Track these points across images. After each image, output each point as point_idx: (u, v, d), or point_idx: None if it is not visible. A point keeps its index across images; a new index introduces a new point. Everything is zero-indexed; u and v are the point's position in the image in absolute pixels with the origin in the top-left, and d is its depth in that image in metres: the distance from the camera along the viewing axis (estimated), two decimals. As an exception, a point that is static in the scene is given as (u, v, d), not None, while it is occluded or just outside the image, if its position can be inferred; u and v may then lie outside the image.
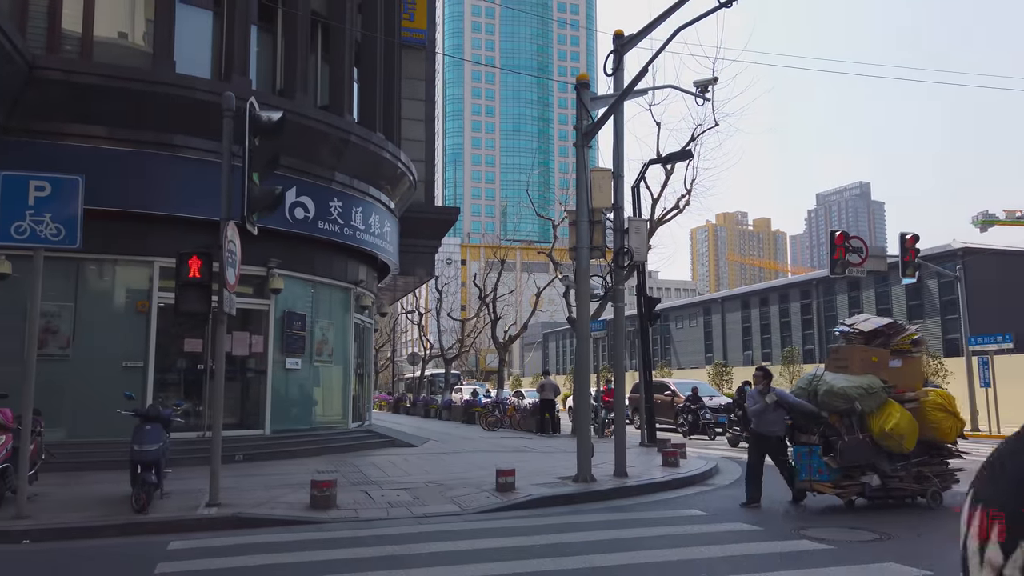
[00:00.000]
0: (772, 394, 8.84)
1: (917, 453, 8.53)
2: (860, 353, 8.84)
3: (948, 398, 8.75)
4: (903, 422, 8.22)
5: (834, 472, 8.35)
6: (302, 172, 13.83)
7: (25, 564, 6.37)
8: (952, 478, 8.83)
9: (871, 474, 8.32)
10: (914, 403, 8.54)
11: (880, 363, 8.74)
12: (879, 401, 8.37)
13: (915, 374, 9.07)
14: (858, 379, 8.50)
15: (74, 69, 11.53)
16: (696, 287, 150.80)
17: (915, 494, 8.58)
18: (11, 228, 7.66)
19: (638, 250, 10.52)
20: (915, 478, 8.52)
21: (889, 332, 9.06)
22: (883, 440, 8.26)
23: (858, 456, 8.24)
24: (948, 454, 8.90)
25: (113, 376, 12.16)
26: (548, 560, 6.16)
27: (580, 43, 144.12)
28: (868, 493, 8.37)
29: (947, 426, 8.56)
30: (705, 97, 10.80)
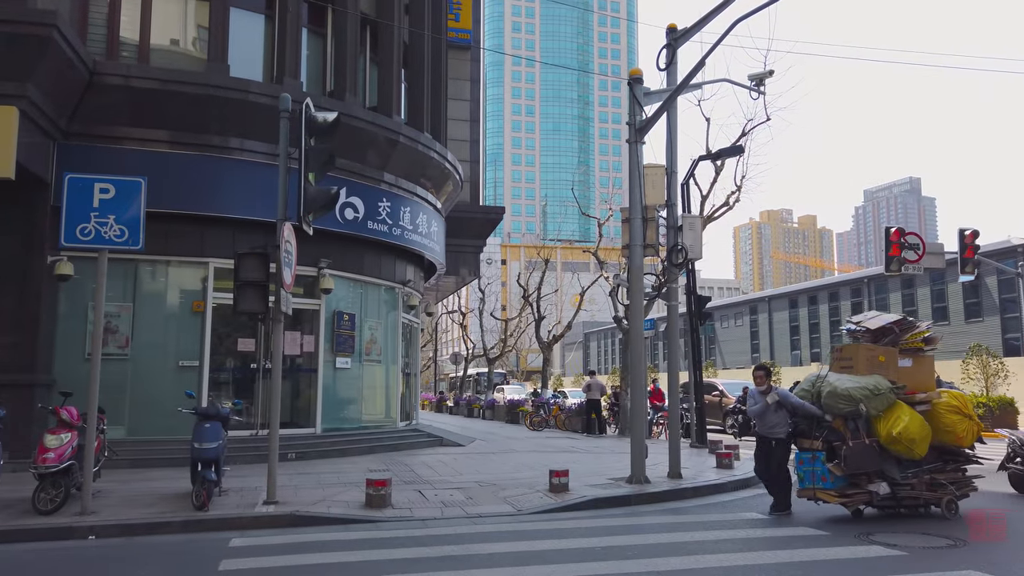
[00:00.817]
0: (773, 394, 8.38)
1: (930, 459, 7.97)
2: (866, 352, 8.25)
3: (963, 399, 8.15)
4: (913, 425, 7.68)
5: (839, 480, 7.80)
6: (351, 173, 13.94)
7: (94, 560, 6.49)
8: (970, 485, 8.21)
9: (879, 482, 7.74)
10: (926, 405, 7.97)
11: (888, 362, 8.18)
12: (886, 403, 7.83)
13: (927, 374, 8.44)
14: (863, 379, 7.92)
15: (132, 74, 11.79)
16: (740, 286, 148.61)
17: (929, 503, 7.98)
18: (77, 230, 7.84)
19: (692, 247, 10.33)
20: (928, 486, 7.92)
21: (899, 329, 8.46)
22: (891, 445, 7.70)
23: (864, 462, 7.68)
24: (965, 460, 8.25)
25: (170, 375, 12.42)
26: (611, 563, 6.05)
27: (621, 41, 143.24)
28: (876, 502, 7.82)
29: (962, 429, 7.92)
30: (760, 91, 10.54)
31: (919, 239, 17.33)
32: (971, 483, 8.25)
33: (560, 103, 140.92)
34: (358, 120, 13.74)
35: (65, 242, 7.91)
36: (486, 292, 41.44)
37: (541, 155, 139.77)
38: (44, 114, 10.86)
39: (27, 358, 11.13)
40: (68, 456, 8.12)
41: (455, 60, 20.69)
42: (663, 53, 10.29)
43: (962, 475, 8.20)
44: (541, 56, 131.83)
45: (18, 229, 11.39)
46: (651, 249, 10.42)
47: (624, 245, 10.50)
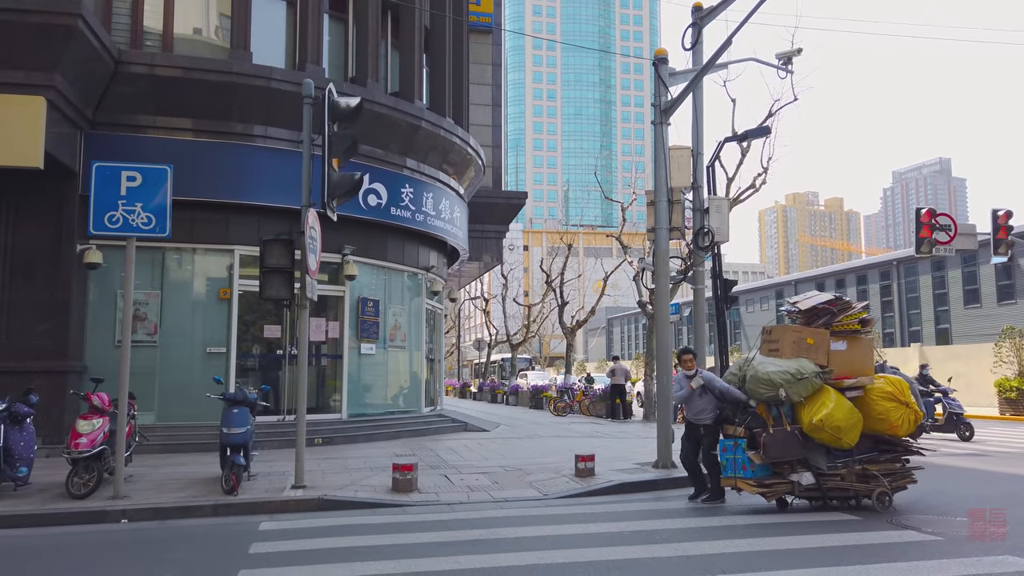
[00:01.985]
0: (699, 378, 8.03)
1: (864, 448, 7.51)
2: (792, 334, 7.77)
3: (900, 386, 7.54)
4: (837, 412, 7.21)
5: (760, 469, 7.36)
6: (374, 159, 13.94)
7: (127, 543, 6.59)
8: (908, 477, 7.69)
9: (803, 471, 7.31)
10: (857, 391, 7.46)
11: (817, 345, 7.64)
12: (810, 388, 7.35)
13: (863, 358, 7.83)
14: (786, 363, 7.45)
15: (157, 63, 11.85)
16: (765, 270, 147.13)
17: (860, 495, 7.51)
18: (105, 218, 7.91)
19: (719, 230, 10.20)
20: (859, 477, 7.43)
21: (834, 310, 7.85)
22: (814, 433, 7.25)
23: (785, 451, 7.24)
24: (904, 450, 7.73)
25: (198, 362, 12.55)
26: (639, 547, 6.02)
27: (644, 22, 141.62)
28: (799, 493, 7.39)
29: (896, 417, 7.36)
30: (788, 70, 10.34)
31: (950, 220, 16.94)
32: (910, 475, 7.73)
33: (582, 87, 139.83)
34: (380, 106, 13.71)
35: (94, 230, 7.99)
36: (509, 278, 41.36)
37: (563, 139, 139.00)
38: (71, 104, 10.95)
39: (59, 345, 11.31)
40: (100, 441, 8.25)
41: (476, 44, 20.55)
42: (688, 33, 10.12)
43: (901, 466, 7.67)
44: (562, 38, 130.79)
45: (48, 218, 11.54)
46: (676, 232, 10.31)
47: (649, 228, 10.39)
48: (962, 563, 5.50)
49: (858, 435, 7.37)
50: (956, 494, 8.51)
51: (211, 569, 5.54)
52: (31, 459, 8.23)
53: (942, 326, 44.57)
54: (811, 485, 7.34)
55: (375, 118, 13.51)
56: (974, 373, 24.95)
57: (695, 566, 5.45)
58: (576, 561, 5.62)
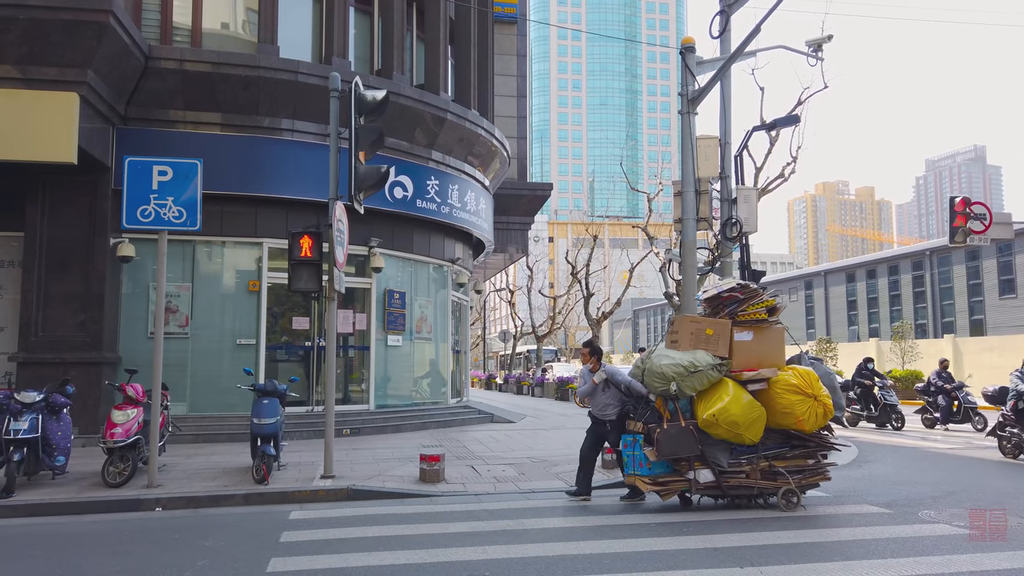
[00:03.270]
0: (601, 372, 7.76)
1: (774, 444, 7.15)
2: (690, 325, 7.43)
3: (808, 378, 7.05)
4: (733, 407, 6.82)
5: (659, 466, 7.02)
6: (400, 151, 14.00)
7: (161, 530, 6.71)
8: (821, 475, 7.31)
9: (701, 468, 6.97)
10: (759, 384, 7.03)
11: (717, 336, 7.22)
12: (706, 381, 6.99)
13: (772, 348, 7.37)
14: (680, 356, 7.09)
15: (186, 58, 11.99)
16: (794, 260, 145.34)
17: (765, 492, 7.14)
18: (137, 212, 8.05)
19: (747, 220, 10.08)
20: (765, 474, 7.08)
21: (740, 297, 7.38)
22: (709, 428, 6.89)
23: (678, 447, 6.90)
24: (818, 446, 7.28)
25: (228, 353, 12.74)
26: (667, 539, 6.00)
27: (670, 11, 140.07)
28: (696, 490, 7.06)
29: (801, 411, 6.90)
30: (818, 57, 10.15)
31: (985, 209, 16.55)
32: (824, 472, 7.34)
33: (607, 77, 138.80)
34: (406, 98, 13.75)
35: (126, 224, 8.13)
36: (534, 270, 41.36)
37: (588, 130, 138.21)
38: (103, 99, 11.13)
39: (94, 337, 11.54)
40: (135, 431, 8.42)
41: (501, 35, 20.52)
42: (716, 20, 9.98)
43: (815, 463, 7.28)
44: (587, 27, 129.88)
45: (82, 212, 11.76)
46: (704, 223, 10.21)
47: (676, 219, 10.31)
48: (997, 557, 5.42)
49: (761, 430, 7.01)
50: (982, 486, 8.37)
51: (244, 556, 5.63)
52: (68, 449, 8.43)
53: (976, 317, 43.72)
54: (710, 482, 7.03)
55: (401, 111, 13.56)
56: (1011, 365, 24.46)
57: (724, 557, 5.43)
58: (603, 552, 5.63)
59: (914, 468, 10.10)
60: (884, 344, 31.38)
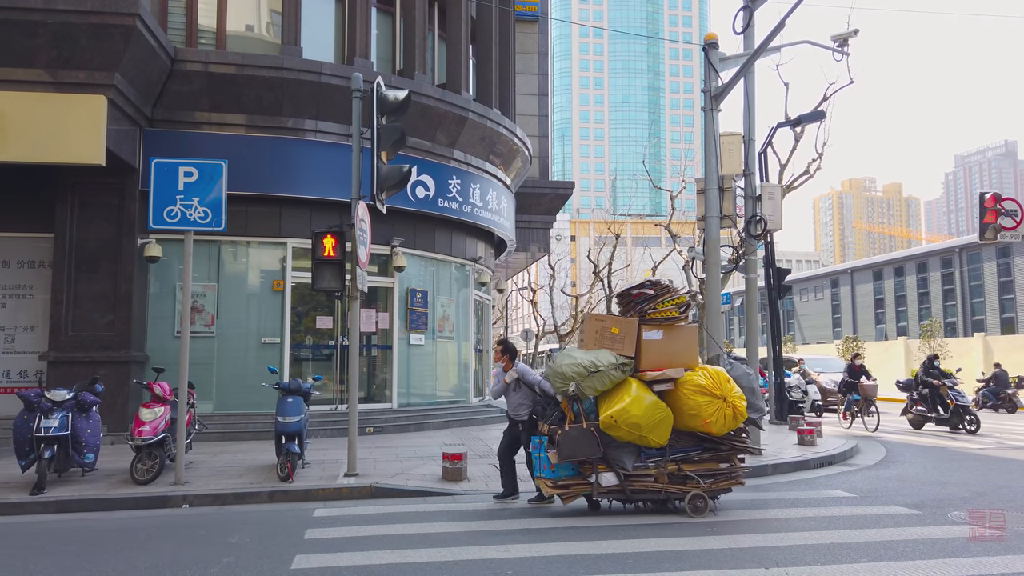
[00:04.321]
0: (513, 371, 7.57)
1: (686, 446, 6.90)
2: (595, 323, 7.19)
3: (717, 378, 6.78)
4: (634, 408, 6.54)
5: (562, 468, 6.80)
6: (422, 151, 14.04)
7: (188, 527, 6.80)
8: (734, 479, 7.02)
9: (604, 471, 6.73)
10: (666, 384, 6.77)
11: (623, 335, 6.96)
12: (608, 382, 6.74)
13: (683, 347, 7.12)
14: (583, 355, 6.84)
15: (211, 60, 12.13)
16: (820, 258, 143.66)
17: (673, 497, 6.89)
18: (164, 212, 8.15)
19: (772, 218, 9.99)
20: (673, 477, 6.82)
21: (651, 294, 7.12)
22: (610, 429, 6.61)
23: (578, 449, 6.65)
24: (731, 449, 7.01)
25: (253, 352, 12.87)
26: (690, 539, 5.96)
27: (693, 7, 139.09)
28: (598, 494, 6.83)
29: (708, 413, 6.63)
30: (844, 52, 10.02)
31: (1017, 204, 16.25)
32: (737, 476, 7.06)
33: (629, 74, 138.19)
34: (428, 98, 13.79)
35: (153, 224, 8.25)
36: (556, 268, 41.26)
37: (610, 128, 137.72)
38: (130, 102, 11.29)
39: (122, 336, 11.72)
40: (162, 429, 8.53)
41: (522, 34, 20.50)
42: (739, 16, 9.90)
43: (729, 466, 7.00)
44: (609, 25, 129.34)
45: (111, 213, 11.95)
46: (728, 220, 10.13)
47: (699, 217, 10.24)
48: (1029, 561, 5.32)
49: (667, 432, 6.77)
50: (1014, 487, 8.21)
51: (269, 553, 5.69)
52: (97, 446, 8.56)
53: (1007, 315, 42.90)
54: (613, 486, 6.79)
55: (422, 110, 13.60)
56: (1042, 364, 23.96)
57: (748, 558, 5.37)
58: (626, 551, 5.61)
59: (943, 468, 9.94)
60: (912, 343, 30.92)
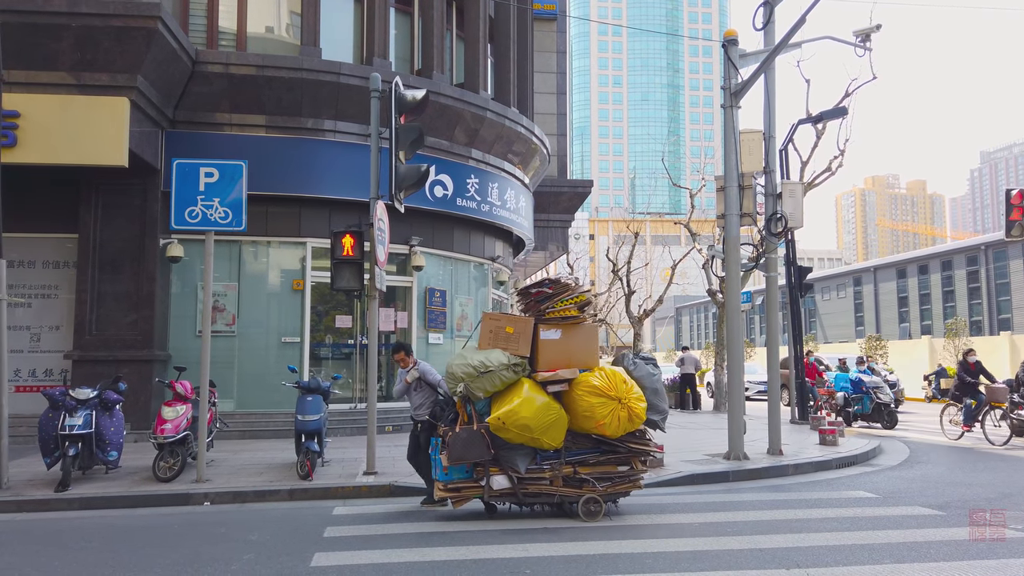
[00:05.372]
0: (414, 370, 7.46)
1: (584, 449, 6.72)
2: (489, 323, 7.00)
3: (612, 379, 6.58)
4: (524, 409, 6.34)
5: (457, 471, 6.60)
6: (440, 150, 14.06)
7: (209, 524, 6.87)
8: (632, 483, 6.87)
9: (497, 474, 6.56)
10: (560, 385, 6.61)
11: (518, 334, 6.78)
12: (499, 382, 6.57)
13: (583, 347, 6.92)
14: (474, 355, 6.68)
15: (232, 61, 12.22)
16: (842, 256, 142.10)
17: (568, 500, 6.72)
18: (185, 213, 8.24)
19: (793, 215, 9.88)
20: (568, 480, 6.66)
21: (550, 292, 6.90)
22: (499, 431, 6.43)
23: (468, 451, 6.46)
24: (630, 451, 6.81)
25: (273, 351, 12.96)
26: (710, 539, 5.92)
27: (712, 4, 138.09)
28: (490, 497, 6.66)
29: (602, 415, 6.45)
30: (866, 47, 9.89)
31: (1045, 201, 15.99)
32: (636, 480, 6.92)
33: (648, 72, 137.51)
34: (446, 97, 13.81)
35: (175, 225, 8.34)
36: (575, 267, 41.17)
37: (629, 126, 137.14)
38: (152, 104, 11.42)
39: (145, 335, 11.86)
40: (184, 427, 8.63)
41: (540, 32, 20.47)
42: (760, 12, 9.81)
43: (627, 470, 6.82)
44: (628, 22, 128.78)
45: (133, 214, 12.09)
46: (748, 218, 10.04)
47: (719, 215, 10.16)
48: (1058, 563, 5.22)
49: (561, 434, 6.60)
50: None
51: (288, 550, 5.73)
52: (120, 444, 8.67)
53: (1035, 313, 42.17)
54: (505, 489, 6.61)
55: (441, 110, 13.62)
56: (1071, 363, 23.53)
57: (768, 559, 5.32)
58: (645, 551, 5.58)
59: (968, 469, 9.79)
60: (937, 342, 30.50)
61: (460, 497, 6.72)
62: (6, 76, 9.24)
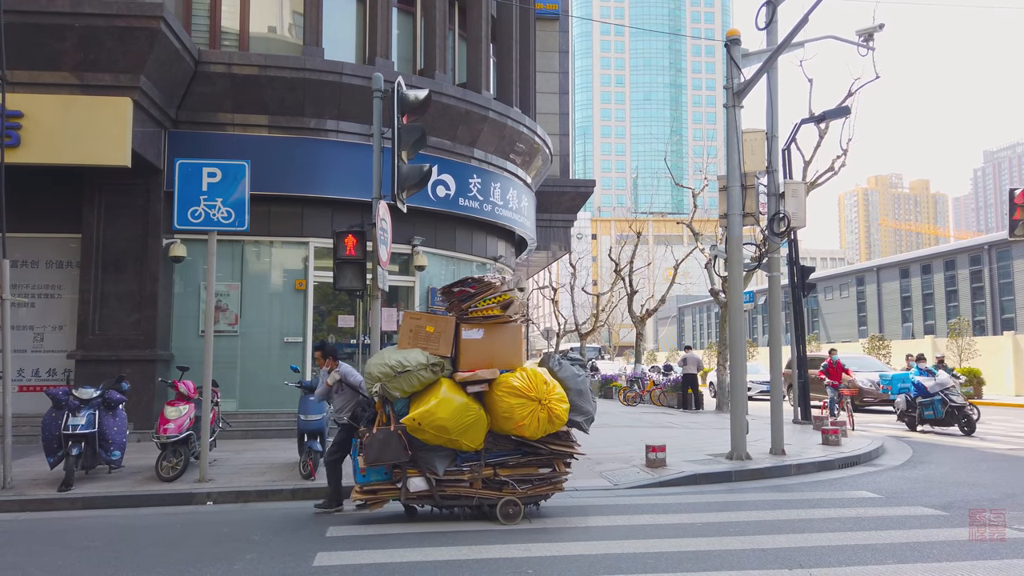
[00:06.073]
0: (336, 372, 7.37)
1: (502, 451, 6.63)
2: (409, 322, 6.87)
3: (534, 380, 6.48)
4: (441, 410, 6.24)
5: (375, 473, 6.52)
6: (442, 150, 14.07)
7: (212, 523, 6.88)
8: (553, 485, 6.78)
9: (415, 476, 6.48)
10: (478, 386, 6.49)
11: (439, 334, 6.65)
12: (417, 383, 6.46)
13: (506, 347, 6.76)
14: (391, 355, 6.57)
15: (234, 61, 12.24)
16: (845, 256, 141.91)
17: (487, 502, 6.62)
18: (188, 213, 8.25)
19: (796, 215, 9.87)
20: (488, 482, 6.57)
21: (473, 292, 6.75)
22: (416, 433, 6.33)
23: (384, 453, 6.36)
24: (552, 453, 6.70)
25: (276, 351, 12.97)
26: (712, 539, 5.91)
27: (715, 3, 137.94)
28: (407, 500, 6.57)
29: (521, 415, 6.36)
30: (869, 47, 9.87)
31: (1048, 200, 15.95)
32: (558, 482, 6.82)
33: (651, 71, 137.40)
34: (448, 97, 13.81)
35: (178, 225, 8.35)
36: (577, 267, 41.16)
37: (631, 126, 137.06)
38: (155, 103, 11.43)
39: (148, 335, 11.88)
40: (187, 427, 8.64)
41: (543, 32, 20.47)
42: (762, 11, 9.80)
43: (549, 472, 6.73)
44: (631, 22, 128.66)
45: (136, 214, 12.11)
46: (750, 218, 10.03)
47: (722, 215, 10.15)
48: (1061, 564, 5.20)
49: (480, 435, 6.50)
50: None
51: (291, 551, 5.73)
52: (123, 443, 8.68)
53: (1038, 313, 42.08)
54: (422, 491, 6.52)
55: (443, 109, 13.63)
56: (1075, 363, 23.48)
57: (771, 559, 5.32)
58: (647, 552, 5.57)
59: (971, 469, 9.78)
60: (940, 341, 30.43)
61: (377, 500, 6.63)
62: (9, 76, 9.27)
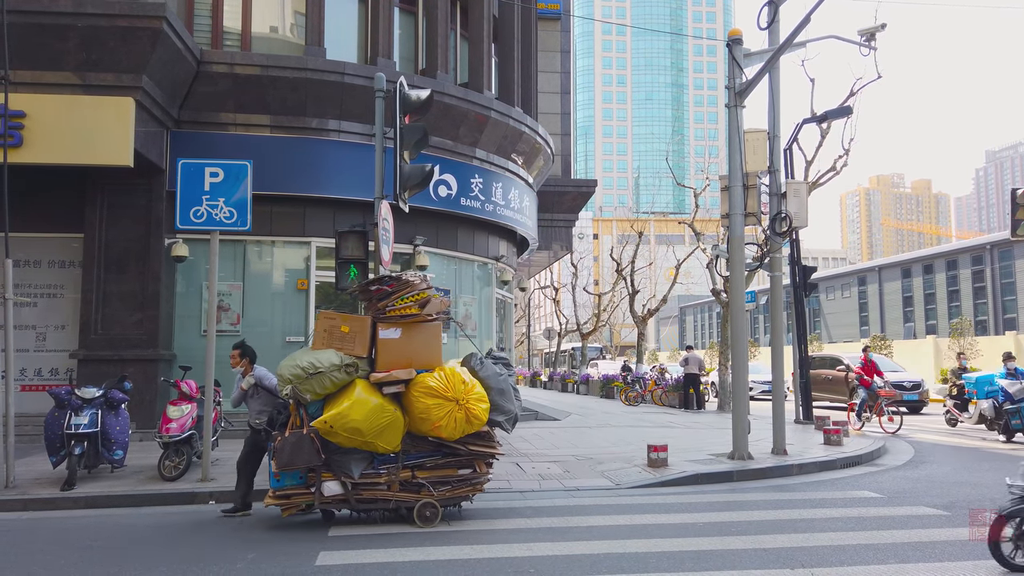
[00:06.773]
0: (251, 376, 7.25)
1: (420, 452, 6.54)
2: (324, 322, 6.73)
3: (451, 380, 6.39)
4: (354, 412, 6.12)
5: (290, 477, 6.35)
6: (444, 150, 14.07)
7: (214, 523, 6.88)
8: (473, 487, 6.69)
9: (329, 480, 6.36)
10: (395, 386, 6.38)
11: (354, 334, 6.53)
12: (330, 384, 6.33)
13: (425, 347, 6.66)
14: (304, 356, 6.43)
15: (236, 61, 12.25)
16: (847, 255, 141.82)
17: (404, 505, 6.49)
18: (190, 212, 8.26)
19: (797, 215, 9.87)
20: (406, 485, 6.47)
21: (390, 291, 6.63)
22: (328, 435, 6.23)
23: (296, 456, 6.23)
24: (471, 454, 6.61)
25: (277, 351, 12.93)
26: (714, 539, 5.92)
27: (716, 3, 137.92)
28: (321, 504, 6.42)
29: (438, 416, 6.27)
30: (871, 47, 9.87)
31: (1050, 200, 15.94)
32: (478, 484, 6.72)
33: (652, 71, 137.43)
34: (450, 97, 13.82)
35: (180, 224, 8.36)
36: (579, 267, 41.20)
37: (633, 126, 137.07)
38: (157, 103, 11.45)
39: (150, 335, 11.90)
40: (189, 426, 8.65)
41: (544, 32, 20.48)
42: (764, 11, 9.80)
43: (469, 473, 6.64)
44: (632, 22, 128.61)
45: (138, 214, 12.13)
46: (752, 218, 10.03)
47: (723, 214, 10.15)
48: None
49: (397, 437, 6.40)
50: None
51: (293, 550, 5.74)
52: (126, 443, 8.69)
53: (1041, 313, 42.03)
54: (336, 495, 6.40)
55: (445, 109, 13.63)
56: (1077, 363, 23.43)
57: (773, 559, 5.32)
58: (649, 551, 5.58)
59: (974, 469, 9.77)
60: (942, 341, 30.41)
61: (290, 504, 6.47)
62: (12, 76, 9.28)
